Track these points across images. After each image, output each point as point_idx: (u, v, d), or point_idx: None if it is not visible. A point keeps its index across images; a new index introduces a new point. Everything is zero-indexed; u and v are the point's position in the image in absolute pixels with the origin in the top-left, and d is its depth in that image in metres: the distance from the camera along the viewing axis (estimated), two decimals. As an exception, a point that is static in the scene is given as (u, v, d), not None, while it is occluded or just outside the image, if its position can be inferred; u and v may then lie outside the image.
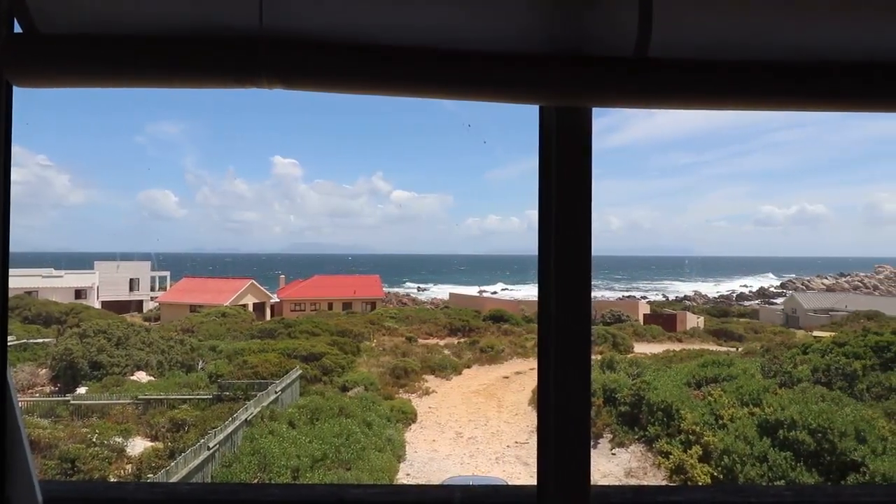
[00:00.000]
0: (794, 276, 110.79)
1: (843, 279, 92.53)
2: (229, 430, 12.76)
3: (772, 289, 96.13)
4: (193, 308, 42.53)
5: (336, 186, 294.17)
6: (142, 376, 19.73)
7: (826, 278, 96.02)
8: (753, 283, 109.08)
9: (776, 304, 66.38)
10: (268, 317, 44.97)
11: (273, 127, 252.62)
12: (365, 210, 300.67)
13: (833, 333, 22.88)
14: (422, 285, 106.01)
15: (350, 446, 12.99)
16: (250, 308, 44.81)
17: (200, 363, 21.60)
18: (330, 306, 47.97)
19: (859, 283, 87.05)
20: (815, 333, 28.90)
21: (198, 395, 17.29)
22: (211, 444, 11.80)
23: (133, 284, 53.27)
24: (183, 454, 11.21)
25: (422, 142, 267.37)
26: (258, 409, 14.67)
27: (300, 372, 19.03)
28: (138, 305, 52.05)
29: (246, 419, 13.82)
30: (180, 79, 1.13)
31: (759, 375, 15.71)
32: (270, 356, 20.22)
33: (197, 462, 11.18)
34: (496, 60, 1.12)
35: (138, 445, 13.78)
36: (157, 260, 59.59)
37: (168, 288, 53.65)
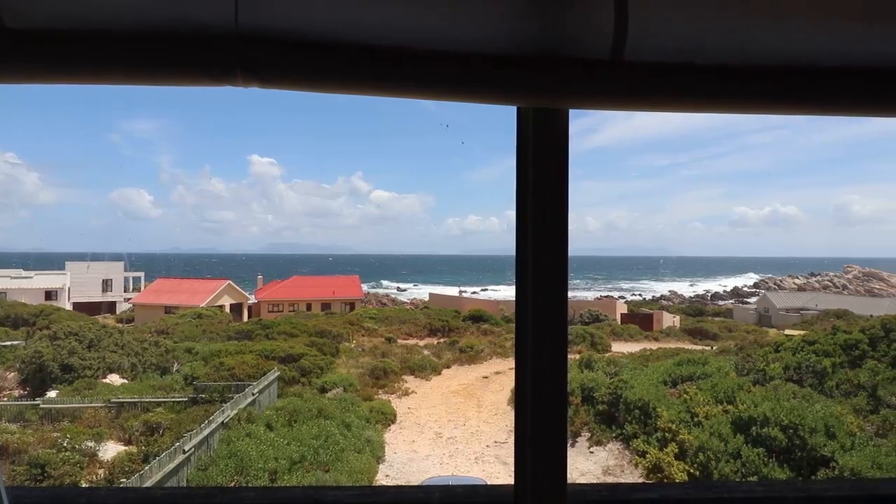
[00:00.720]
0: (768, 275, 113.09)
1: (814, 279, 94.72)
2: (205, 432, 12.57)
3: (745, 288, 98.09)
4: (168, 309, 41.85)
5: (315, 186, 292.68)
6: (115, 379, 19.33)
7: (797, 278, 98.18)
8: (729, 282, 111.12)
9: (750, 303, 67.71)
10: (245, 318, 44.42)
11: (250, 125, 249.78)
12: (344, 210, 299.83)
13: (804, 332, 23.41)
14: (401, 285, 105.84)
15: (329, 448, 12.90)
16: (227, 309, 44.22)
17: (176, 365, 21.23)
18: (308, 307, 47.59)
19: (829, 283, 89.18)
20: (787, 332, 29.52)
21: (173, 397, 16.99)
22: (186, 448, 11.61)
23: (106, 285, 52.17)
24: (157, 458, 11.01)
25: (402, 142, 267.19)
26: (235, 412, 14.48)
27: (278, 373, 18.84)
28: (111, 307, 51.04)
29: (222, 422, 13.63)
30: (153, 76, 1.11)
31: (733, 373, 16.00)
32: (247, 358, 19.98)
33: (172, 466, 10.99)
34: (473, 61, 1.12)
35: (111, 450, 13.50)
36: (130, 260, 58.52)
37: (142, 289, 52.69)
